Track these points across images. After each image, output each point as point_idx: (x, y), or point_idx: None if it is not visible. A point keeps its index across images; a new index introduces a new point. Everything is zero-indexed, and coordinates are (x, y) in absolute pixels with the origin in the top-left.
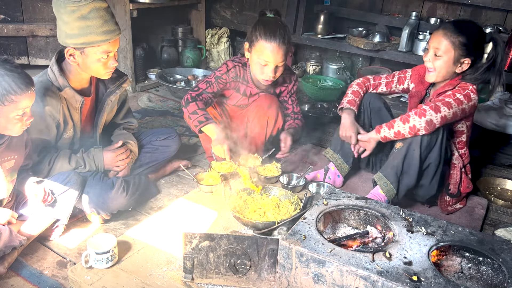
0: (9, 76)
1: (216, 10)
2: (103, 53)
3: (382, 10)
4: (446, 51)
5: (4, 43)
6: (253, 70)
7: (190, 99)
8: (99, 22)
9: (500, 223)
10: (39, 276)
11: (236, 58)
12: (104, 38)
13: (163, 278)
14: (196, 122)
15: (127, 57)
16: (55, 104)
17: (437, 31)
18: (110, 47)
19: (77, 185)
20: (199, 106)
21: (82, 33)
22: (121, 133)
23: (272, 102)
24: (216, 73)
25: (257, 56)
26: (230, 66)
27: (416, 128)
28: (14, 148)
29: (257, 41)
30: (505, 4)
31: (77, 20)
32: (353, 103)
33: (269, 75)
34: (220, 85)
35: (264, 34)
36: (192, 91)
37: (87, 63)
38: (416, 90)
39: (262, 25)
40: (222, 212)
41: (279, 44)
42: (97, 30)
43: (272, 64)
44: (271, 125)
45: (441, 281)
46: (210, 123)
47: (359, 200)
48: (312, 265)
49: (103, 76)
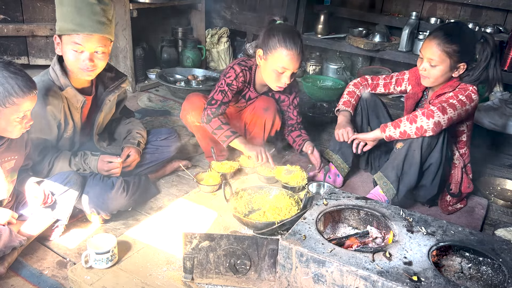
0: (12, 79)
1: (216, 10)
2: (72, 43)
3: (382, 10)
4: (441, 61)
5: (4, 43)
6: (267, 77)
7: (212, 114)
8: (71, 9)
9: (500, 223)
10: (39, 276)
11: (242, 62)
12: (72, 27)
13: (163, 278)
14: (223, 137)
15: (127, 57)
16: (57, 104)
17: (429, 40)
18: (79, 40)
19: (77, 185)
20: (223, 121)
21: (59, 18)
22: (129, 121)
23: (269, 105)
24: (226, 80)
25: (274, 64)
26: (238, 71)
27: (424, 129)
28: (14, 149)
29: (275, 48)
30: (505, 4)
31: (58, 4)
32: (348, 104)
33: (286, 82)
34: (233, 92)
35: (284, 41)
36: (209, 105)
37: (64, 54)
38: (413, 92)
39: (279, 32)
40: (222, 212)
41: (299, 52)
42: (68, 18)
43: (290, 71)
44: (269, 127)
45: (441, 281)
46: (238, 137)
47: (359, 200)
48: (312, 265)
49: (81, 75)
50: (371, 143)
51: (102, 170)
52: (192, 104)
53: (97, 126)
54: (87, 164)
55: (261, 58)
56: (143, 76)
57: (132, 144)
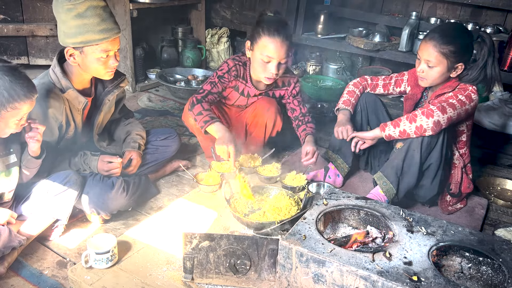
0: (16, 84)
1: (216, 10)
2: (102, 52)
3: (382, 10)
4: (439, 62)
5: (4, 43)
6: (255, 69)
7: (196, 101)
8: (96, 20)
9: (500, 223)
10: (39, 276)
11: (236, 57)
12: (102, 36)
13: (163, 278)
14: (201, 123)
15: (127, 57)
16: (58, 106)
17: (426, 42)
18: (109, 45)
19: (76, 185)
20: (204, 107)
21: (79, 31)
22: (128, 122)
23: (270, 106)
24: (218, 73)
25: (260, 53)
26: (231, 65)
27: (423, 128)
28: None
29: (259, 37)
30: (505, 4)
31: (74, 19)
32: (348, 103)
33: (272, 72)
34: (224, 84)
35: (268, 30)
36: (197, 93)
37: (87, 63)
38: (412, 92)
39: (264, 22)
40: (222, 212)
41: (283, 40)
42: (94, 29)
43: (275, 60)
44: (270, 128)
45: (441, 281)
46: (215, 122)
47: (359, 200)
48: (312, 265)
49: (104, 76)
50: (369, 142)
51: (102, 170)
52: None
53: (97, 126)
54: (87, 164)
55: (249, 49)
56: (143, 76)
57: (133, 148)
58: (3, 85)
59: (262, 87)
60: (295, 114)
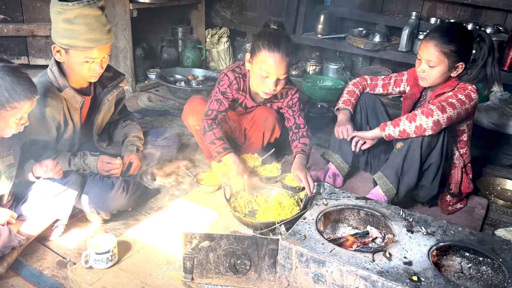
0: (18, 84)
1: (216, 10)
2: (86, 57)
3: (382, 10)
4: (440, 62)
5: (4, 43)
6: (254, 82)
7: (208, 128)
8: (84, 28)
9: (500, 223)
10: (39, 276)
11: (236, 68)
12: (87, 45)
13: (163, 278)
14: (215, 152)
15: (127, 57)
16: (56, 105)
17: (426, 42)
18: (94, 54)
19: (76, 185)
20: (216, 135)
21: (65, 35)
22: (126, 124)
23: (268, 115)
24: (220, 88)
25: (259, 67)
26: (232, 78)
27: (423, 127)
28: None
29: (259, 51)
30: (505, 4)
31: (63, 22)
32: (348, 103)
33: (270, 88)
34: (229, 99)
35: (268, 44)
36: (206, 116)
37: (71, 64)
38: (411, 92)
39: (265, 36)
40: (222, 212)
41: (282, 56)
42: (80, 36)
43: (273, 76)
44: (268, 136)
45: (441, 281)
46: (229, 153)
47: (359, 200)
48: (312, 265)
49: (89, 79)
50: (370, 142)
51: (101, 170)
52: (193, 109)
53: (97, 126)
54: (86, 164)
55: (248, 61)
56: (143, 76)
57: (131, 151)
58: (4, 85)
59: (259, 100)
60: (289, 124)
